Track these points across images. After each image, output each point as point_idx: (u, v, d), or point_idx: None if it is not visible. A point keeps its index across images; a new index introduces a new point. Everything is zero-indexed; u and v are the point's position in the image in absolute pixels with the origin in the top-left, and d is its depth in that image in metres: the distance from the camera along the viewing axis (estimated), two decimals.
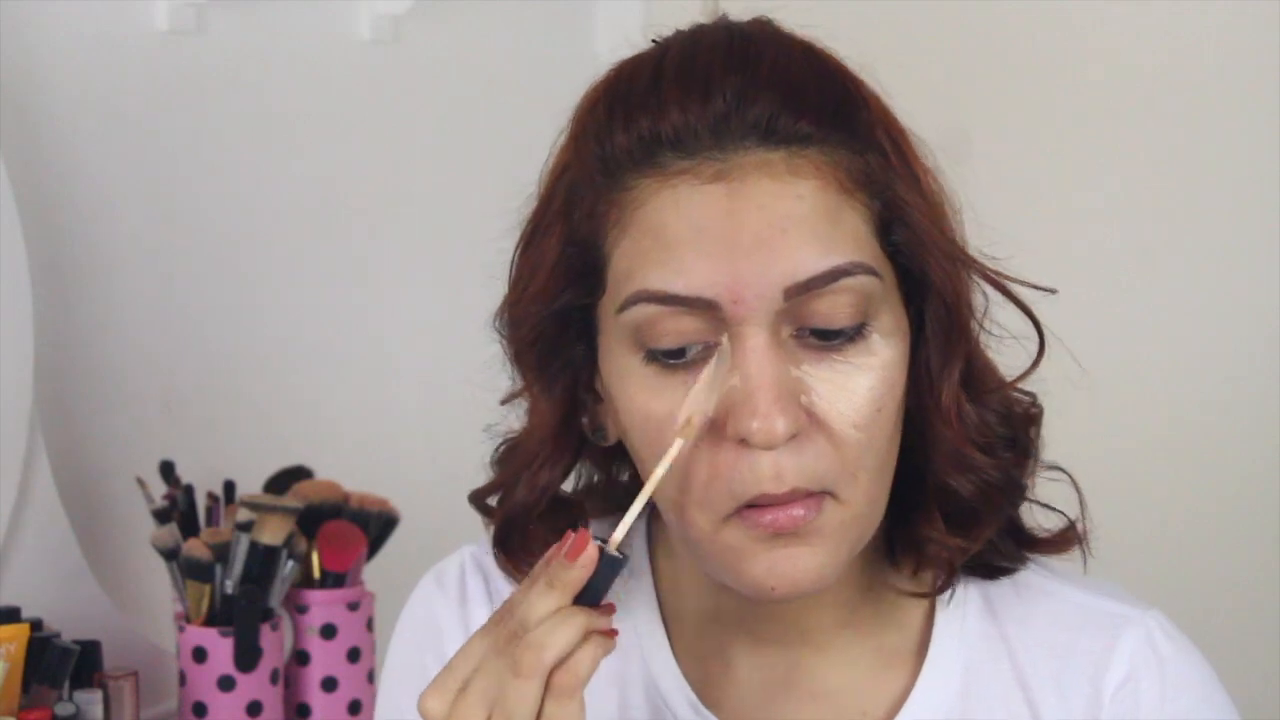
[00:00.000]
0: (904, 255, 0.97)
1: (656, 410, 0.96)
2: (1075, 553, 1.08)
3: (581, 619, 0.91)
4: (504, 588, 1.11)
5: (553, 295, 1.00)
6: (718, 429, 0.94)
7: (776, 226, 0.93)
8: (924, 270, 0.98)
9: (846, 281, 0.94)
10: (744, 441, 0.94)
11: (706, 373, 0.94)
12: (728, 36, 0.98)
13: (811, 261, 0.93)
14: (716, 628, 1.07)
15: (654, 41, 1.01)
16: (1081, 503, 1.06)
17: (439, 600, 1.12)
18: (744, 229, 0.93)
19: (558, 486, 1.05)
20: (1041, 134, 2.17)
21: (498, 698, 0.90)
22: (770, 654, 1.06)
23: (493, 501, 1.08)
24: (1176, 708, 1.04)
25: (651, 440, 0.96)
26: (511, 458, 1.06)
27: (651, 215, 0.95)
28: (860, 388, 0.95)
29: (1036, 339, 1.04)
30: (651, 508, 1.02)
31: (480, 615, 1.10)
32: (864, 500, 0.97)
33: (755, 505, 0.95)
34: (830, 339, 0.95)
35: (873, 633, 1.06)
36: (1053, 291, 1.03)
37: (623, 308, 0.96)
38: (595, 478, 1.10)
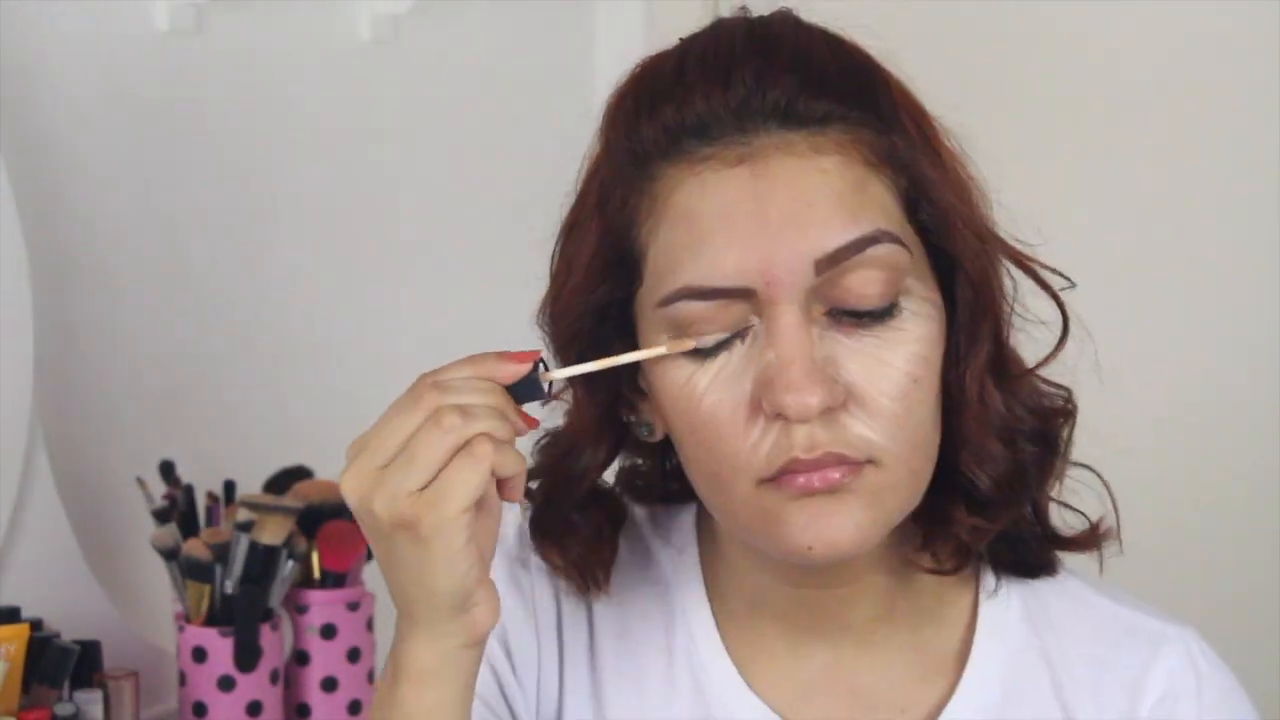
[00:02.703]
0: (932, 233, 0.99)
1: (697, 387, 0.97)
2: (1101, 551, 1.09)
3: (498, 395, 0.93)
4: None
5: (590, 289, 1.01)
6: (754, 404, 0.96)
7: (802, 201, 0.95)
8: (951, 248, 0.99)
9: (875, 251, 0.95)
10: (780, 415, 0.95)
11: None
12: (747, 27, 1.00)
13: (839, 232, 0.95)
14: (761, 618, 1.08)
15: (680, 40, 1.03)
16: (1112, 500, 1.08)
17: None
18: (770, 208, 0.95)
19: (595, 477, 1.07)
20: (1046, 129, 2.17)
21: (405, 448, 0.92)
22: (812, 646, 1.07)
23: (533, 485, 1.09)
24: None
25: (694, 417, 0.98)
26: (552, 447, 1.08)
27: (681, 203, 0.97)
28: (895, 360, 0.96)
29: (1061, 326, 1.05)
30: (699, 500, 1.04)
31: (539, 574, 1.09)
32: (905, 470, 0.97)
33: (790, 471, 0.96)
34: (862, 317, 0.96)
35: (914, 630, 1.07)
36: (1071, 284, 1.04)
37: (664, 302, 0.97)
38: (641, 463, 1.12)
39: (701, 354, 0.97)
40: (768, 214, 0.95)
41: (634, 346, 1.01)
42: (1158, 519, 2.09)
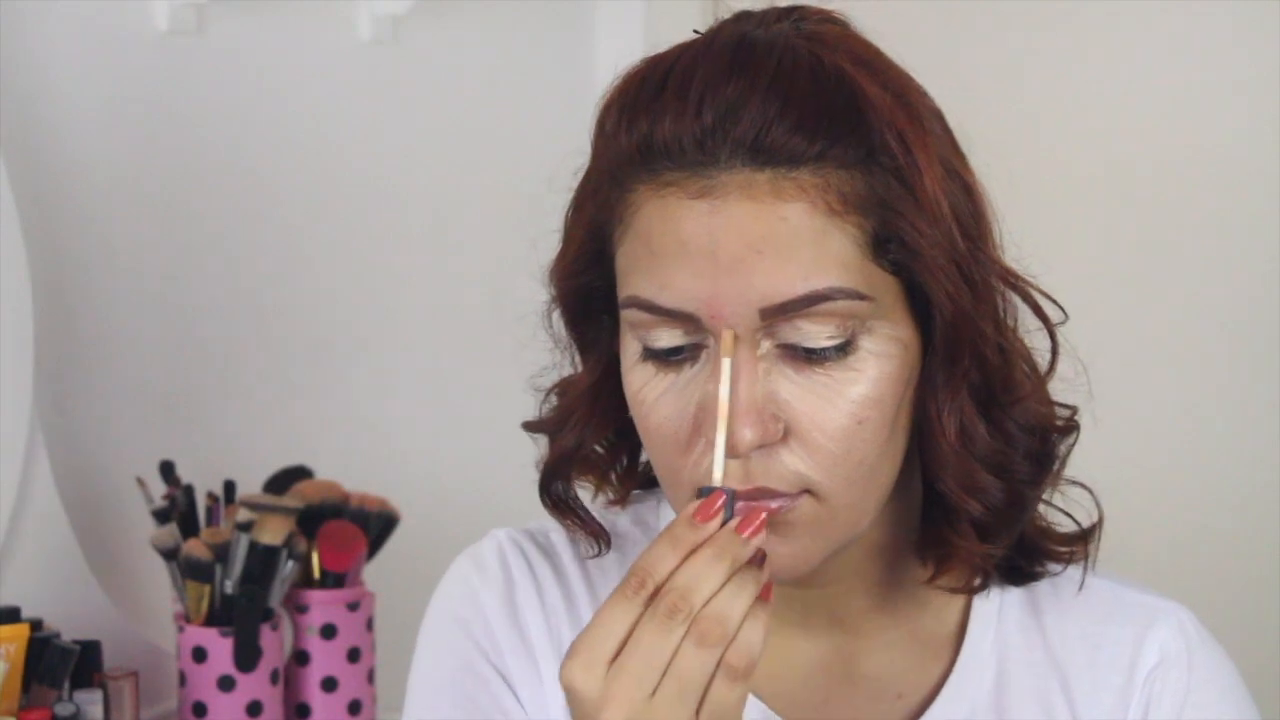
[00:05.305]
0: (904, 271, 0.97)
1: (648, 397, 0.98)
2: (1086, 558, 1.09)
3: (753, 589, 0.91)
4: (545, 572, 1.11)
5: (576, 273, 1.02)
6: (697, 425, 0.96)
7: (753, 248, 0.94)
8: (924, 284, 0.97)
9: (826, 306, 0.94)
10: None
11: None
12: (734, 44, 0.98)
13: (789, 284, 0.94)
14: None
15: (695, 32, 1.01)
16: (1100, 518, 1.07)
17: (481, 585, 1.10)
18: (722, 249, 0.94)
19: (594, 443, 1.07)
20: (1044, 143, 2.17)
21: (669, 671, 0.89)
22: (808, 639, 1.07)
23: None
24: (1202, 695, 1.08)
25: (645, 425, 0.99)
26: (560, 400, 1.08)
27: (643, 222, 0.97)
28: (840, 402, 0.95)
29: (1050, 356, 1.04)
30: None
31: (527, 599, 1.10)
32: (844, 503, 0.97)
33: None
34: (814, 354, 0.95)
35: (909, 618, 1.08)
36: (1064, 318, 1.03)
37: (622, 305, 0.98)
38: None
39: (658, 362, 0.97)
40: (719, 254, 0.94)
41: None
42: (1158, 520, 2.10)
